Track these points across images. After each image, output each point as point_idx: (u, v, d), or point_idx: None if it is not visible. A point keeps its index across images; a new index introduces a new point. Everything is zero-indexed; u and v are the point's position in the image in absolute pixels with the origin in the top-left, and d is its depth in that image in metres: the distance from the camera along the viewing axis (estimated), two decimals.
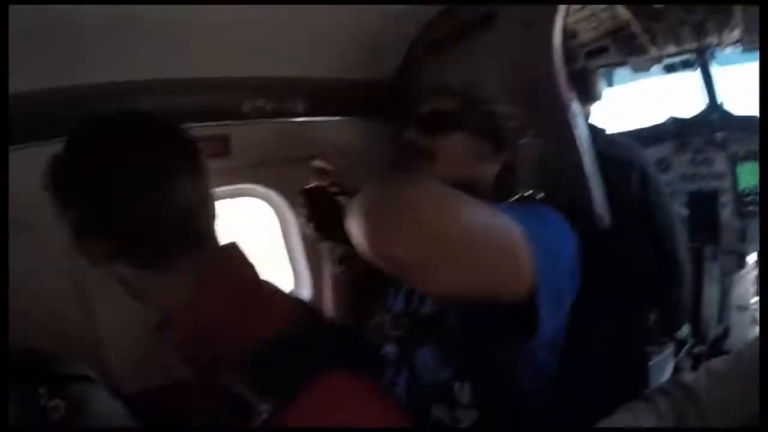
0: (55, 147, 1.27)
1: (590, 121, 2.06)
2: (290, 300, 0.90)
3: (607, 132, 2.08)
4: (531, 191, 1.16)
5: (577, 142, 1.28)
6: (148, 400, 1.07)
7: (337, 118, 1.68)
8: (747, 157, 2.69)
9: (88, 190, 0.79)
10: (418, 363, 1.06)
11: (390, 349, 1.10)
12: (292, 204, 1.64)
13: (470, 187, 1.12)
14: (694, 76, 2.95)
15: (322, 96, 1.60)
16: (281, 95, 1.53)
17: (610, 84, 3.18)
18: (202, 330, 0.79)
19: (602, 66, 3.04)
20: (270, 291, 0.88)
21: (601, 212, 1.26)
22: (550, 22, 1.29)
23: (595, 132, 1.81)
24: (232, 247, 0.87)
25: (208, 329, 0.79)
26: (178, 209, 0.79)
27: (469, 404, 0.99)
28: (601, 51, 2.87)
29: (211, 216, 0.85)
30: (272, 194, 1.65)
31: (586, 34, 2.72)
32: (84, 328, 1.37)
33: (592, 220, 1.19)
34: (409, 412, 0.86)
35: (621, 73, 3.22)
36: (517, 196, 1.13)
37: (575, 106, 1.32)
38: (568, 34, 2.37)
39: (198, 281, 0.80)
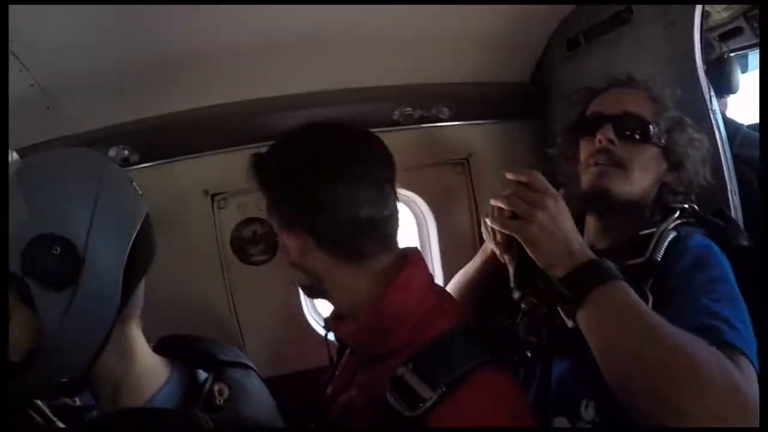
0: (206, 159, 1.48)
1: (727, 114, 1.92)
2: (455, 301, 0.98)
3: (746, 127, 1.92)
4: (688, 205, 1.12)
5: (719, 144, 1.21)
6: (283, 385, 1.14)
7: (481, 121, 1.71)
8: None
9: (304, 191, 0.87)
10: (551, 373, 1.05)
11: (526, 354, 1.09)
12: (432, 207, 1.70)
13: (639, 206, 1.12)
14: None
15: (465, 101, 1.64)
16: (428, 102, 1.59)
17: (744, 70, 2.91)
18: (382, 323, 0.87)
19: (735, 50, 2.79)
20: (441, 292, 0.96)
21: (739, 229, 1.15)
22: (690, 17, 1.23)
23: (734, 129, 1.68)
24: (415, 251, 0.95)
25: (388, 322, 0.86)
26: (381, 213, 0.88)
27: (591, 421, 0.98)
28: (735, 33, 2.64)
29: (398, 220, 0.93)
30: (413, 197, 1.71)
31: (718, 15, 2.51)
32: (229, 317, 1.54)
33: (727, 234, 1.10)
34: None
35: (755, 57, 2.94)
36: (678, 213, 1.09)
37: (714, 103, 1.25)
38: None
39: (386, 279, 0.88)
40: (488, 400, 0.78)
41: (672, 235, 1.02)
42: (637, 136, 1.10)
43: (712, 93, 1.25)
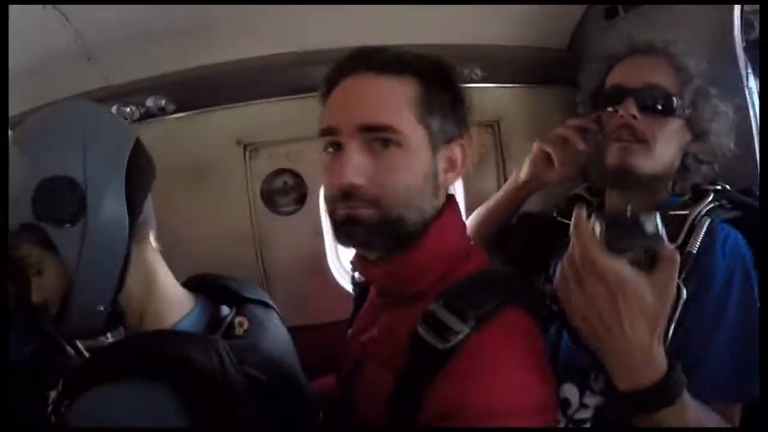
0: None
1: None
2: (483, 252, 0.96)
3: None
4: (720, 186, 1.07)
5: (752, 122, 1.20)
6: (304, 335, 1.18)
7: (513, 85, 1.70)
8: None
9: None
10: (564, 340, 1.06)
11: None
12: None
13: (662, 178, 1.10)
14: None
15: (497, 63, 1.63)
16: (459, 62, 1.57)
17: None
18: (419, 262, 0.85)
19: None
20: (469, 239, 0.96)
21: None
22: None
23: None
24: (453, 198, 0.93)
25: (424, 261, 0.85)
26: None
27: (599, 391, 0.99)
28: None
29: None
30: None
31: None
32: (255, 263, 1.61)
33: (753, 212, 1.04)
34: None
35: None
36: (711, 197, 1.03)
37: (750, 80, 1.23)
38: None
39: (429, 224, 0.86)
40: (515, 337, 0.78)
41: (707, 223, 0.98)
42: (661, 110, 1.06)
43: (749, 70, 1.23)
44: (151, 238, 0.93)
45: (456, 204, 0.92)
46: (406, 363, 0.77)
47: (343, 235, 0.85)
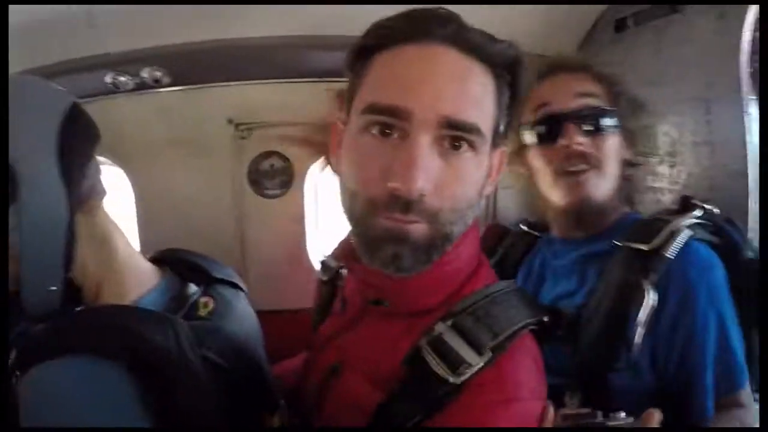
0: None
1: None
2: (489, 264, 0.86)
3: None
4: (710, 207, 1.03)
5: (747, 150, 1.17)
6: (275, 320, 1.17)
7: None
8: None
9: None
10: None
11: None
12: None
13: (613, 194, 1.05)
14: None
15: None
16: None
17: None
18: (435, 280, 0.75)
19: None
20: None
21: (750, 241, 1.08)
22: (744, 13, 1.18)
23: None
24: None
25: (441, 280, 0.75)
26: None
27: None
28: None
29: None
30: None
31: None
32: (235, 244, 1.61)
33: (737, 246, 1.03)
34: None
35: None
36: (701, 213, 1.00)
37: (752, 109, 1.21)
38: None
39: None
40: (526, 367, 0.72)
41: (688, 234, 0.93)
42: (601, 127, 1.00)
43: (753, 96, 1.21)
44: (104, 206, 0.86)
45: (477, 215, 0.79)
46: (402, 385, 0.70)
47: (383, 255, 0.68)
